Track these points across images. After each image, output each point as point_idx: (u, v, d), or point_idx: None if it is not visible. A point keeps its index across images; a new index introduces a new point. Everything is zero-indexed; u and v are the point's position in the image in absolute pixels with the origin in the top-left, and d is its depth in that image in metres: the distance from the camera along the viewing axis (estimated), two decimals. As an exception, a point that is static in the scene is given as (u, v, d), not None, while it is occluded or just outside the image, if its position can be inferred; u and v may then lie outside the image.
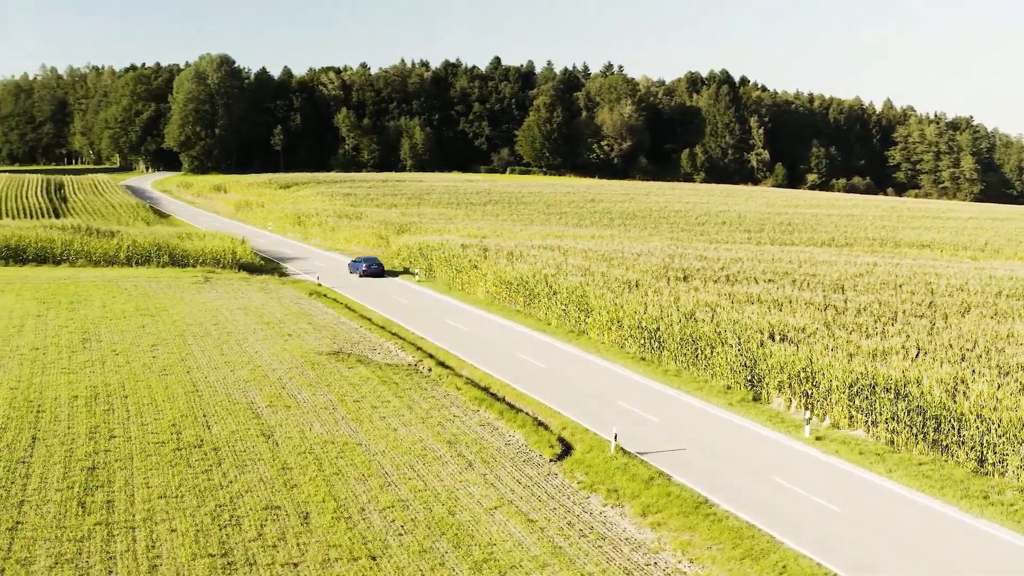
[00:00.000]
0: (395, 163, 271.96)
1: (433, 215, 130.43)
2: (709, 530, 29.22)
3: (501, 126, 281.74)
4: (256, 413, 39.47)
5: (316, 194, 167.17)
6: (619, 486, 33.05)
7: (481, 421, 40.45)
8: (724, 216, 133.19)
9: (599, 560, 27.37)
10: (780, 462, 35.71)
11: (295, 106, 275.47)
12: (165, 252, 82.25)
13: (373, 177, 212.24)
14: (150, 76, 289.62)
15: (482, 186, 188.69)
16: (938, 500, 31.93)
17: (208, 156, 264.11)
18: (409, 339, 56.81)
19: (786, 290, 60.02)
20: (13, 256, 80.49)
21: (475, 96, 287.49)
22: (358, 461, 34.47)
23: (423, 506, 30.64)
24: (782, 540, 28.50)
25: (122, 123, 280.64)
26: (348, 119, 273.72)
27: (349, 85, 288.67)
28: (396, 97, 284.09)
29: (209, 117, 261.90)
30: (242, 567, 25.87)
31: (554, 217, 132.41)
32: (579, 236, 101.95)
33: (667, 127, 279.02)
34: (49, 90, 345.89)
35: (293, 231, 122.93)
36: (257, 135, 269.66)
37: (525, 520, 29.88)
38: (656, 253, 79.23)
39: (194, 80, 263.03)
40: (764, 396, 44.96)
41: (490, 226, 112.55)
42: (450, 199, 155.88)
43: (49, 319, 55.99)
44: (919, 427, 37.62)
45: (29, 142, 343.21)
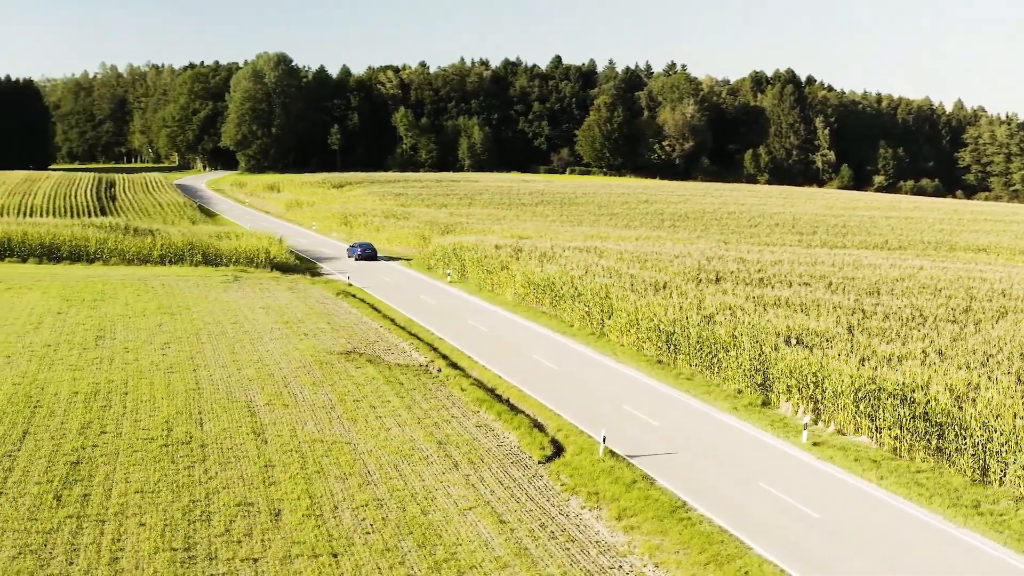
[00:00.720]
0: (453, 163, 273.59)
1: (482, 215, 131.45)
2: (680, 535, 29.48)
3: (561, 126, 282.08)
4: (252, 411, 40.42)
5: (368, 194, 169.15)
6: (600, 489, 33.42)
7: (478, 422, 41.00)
8: (778, 218, 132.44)
9: (563, 562, 27.78)
10: (771, 468, 35.81)
11: (352, 105, 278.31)
12: (198, 251, 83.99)
13: (428, 177, 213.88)
14: (208, 75, 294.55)
15: (536, 187, 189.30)
16: (923, 509, 31.86)
17: (265, 155, 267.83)
18: (427, 339, 57.58)
19: (818, 293, 59.86)
20: (47, 254, 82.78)
21: (535, 95, 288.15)
22: (343, 460, 35.22)
23: (397, 505, 31.27)
24: (751, 546, 28.69)
25: (179, 122, 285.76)
26: (406, 118, 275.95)
27: (407, 84, 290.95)
28: (455, 96, 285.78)
29: (266, 116, 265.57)
30: (202, 561, 26.69)
31: (604, 218, 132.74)
32: (624, 237, 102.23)
33: (730, 127, 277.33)
34: (109, 88, 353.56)
35: (339, 231, 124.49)
36: (314, 134, 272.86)
37: (497, 521, 30.37)
38: (695, 255, 79.26)
39: (251, 79, 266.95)
40: (773, 401, 45.03)
41: (535, 227, 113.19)
42: (501, 199, 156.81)
43: (69, 316, 57.61)
44: (922, 434, 37.49)
45: (89, 140, 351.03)
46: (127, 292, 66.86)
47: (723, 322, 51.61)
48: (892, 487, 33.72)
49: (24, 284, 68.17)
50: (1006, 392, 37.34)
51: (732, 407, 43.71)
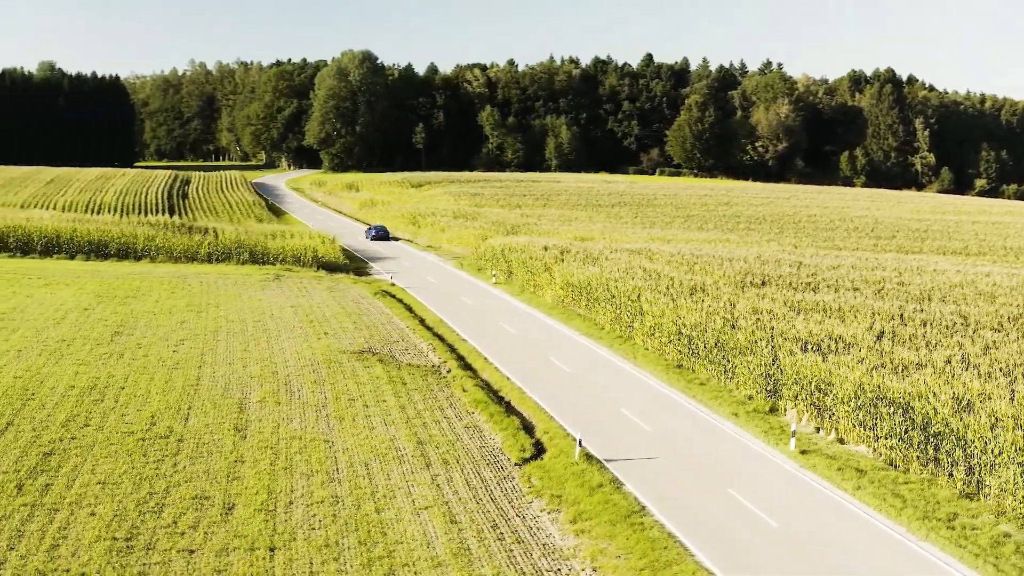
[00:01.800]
0: (540, 163, 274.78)
1: (553, 216, 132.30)
2: (627, 539, 29.95)
3: (651, 126, 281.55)
4: (242, 408, 41.80)
5: (444, 193, 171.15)
6: (565, 492, 34.00)
7: (468, 423, 41.83)
8: (859, 222, 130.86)
9: (501, 563, 28.44)
10: (747, 475, 36.01)
11: (438, 104, 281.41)
12: (245, 250, 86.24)
13: (509, 177, 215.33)
14: (293, 72, 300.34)
15: (617, 188, 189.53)
16: (890, 521, 31.86)
17: (348, 154, 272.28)
18: (449, 340, 58.63)
19: (861, 299, 59.65)
20: (95, 251, 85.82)
21: (625, 94, 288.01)
22: (315, 457, 36.35)
23: (353, 503, 32.26)
24: (694, 553, 29.03)
25: (264, 120, 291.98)
26: (492, 117, 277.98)
27: (494, 82, 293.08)
28: (542, 95, 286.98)
29: (350, 114, 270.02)
30: (139, 551, 27.98)
31: (679, 220, 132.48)
32: (689, 240, 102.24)
33: (827, 128, 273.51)
34: (197, 86, 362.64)
35: (404, 230, 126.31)
36: (399, 133, 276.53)
37: (449, 521, 31.15)
38: (751, 258, 79.14)
39: (335, 77, 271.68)
40: (781, 408, 45.07)
41: (603, 229, 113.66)
42: (578, 201, 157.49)
43: (94, 312, 59.87)
44: (917, 445, 37.36)
45: (177, 138, 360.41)
46: (162, 289, 69.15)
47: (745, 327, 51.70)
48: (865, 498, 33.69)
49: (63, 280, 70.91)
50: (1016, 403, 36.99)
51: (733, 413, 43.85)
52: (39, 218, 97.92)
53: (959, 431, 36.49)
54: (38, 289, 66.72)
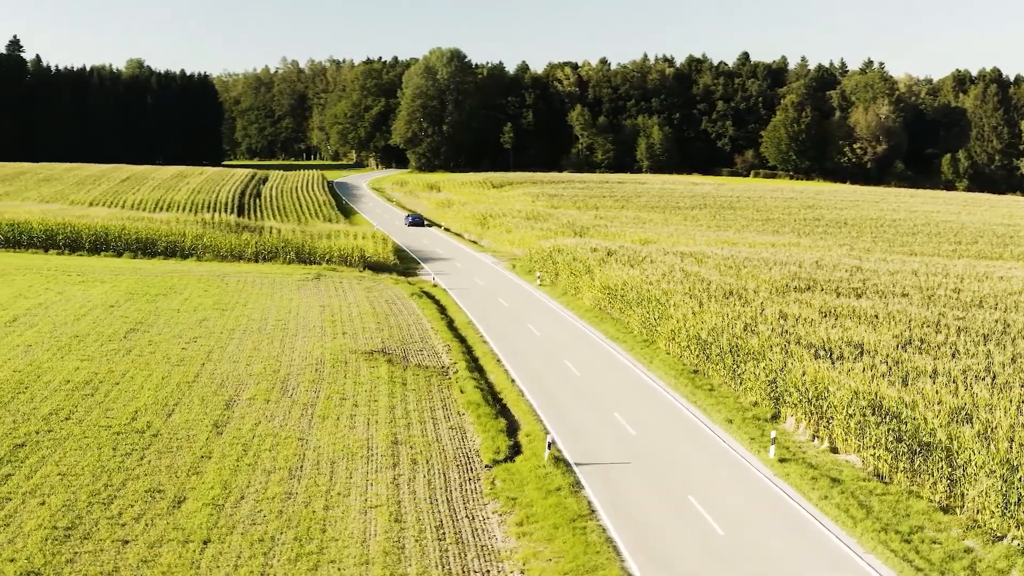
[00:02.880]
0: (631, 164, 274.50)
1: (627, 219, 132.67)
2: (564, 543, 30.47)
3: (746, 126, 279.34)
4: (228, 405, 43.16)
5: (523, 194, 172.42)
6: (522, 495, 34.63)
7: (455, 425, 42.67)
8: (944, 227, 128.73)
9: (429, 563, 29.17)
10: (716, 482, 36.29)
11: (528, 103, 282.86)
12: (292, 249, 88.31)
13: (593, 179, 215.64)
14: (381, 70, 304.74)
15: (702, 190, 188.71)
16: (843, 532, 31.97)
17: (435, 154, 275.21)
18: (470, 342, 59.67)
19: (906, 305, 59.62)
20: (143, 249, 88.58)
21: (719, 94, 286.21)
22: (282, 455, 37.49)
23: (303, 500, 33.31)
24: (625, 558, 29.49)
25: (351, 118, 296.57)
26: (582, 117, 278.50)
27: (585, 81, 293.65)
28: (634, 94, 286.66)
29: (437, 113, 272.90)
30: (76, 540, 29.31)
31: (756, 223, 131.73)
32: (755, 243, 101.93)
33: (929, 130, 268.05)
34: (289, 84, 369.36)
35: (471, 231, 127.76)
36: (488, 133, 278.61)
37: (392, 520, 31.99)
38: (808, 263, 78.91)
39: (423, 75, 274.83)
40: (783, 414, 45.12)
41: (671, 231, 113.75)
42: (658, 203, 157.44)
43: (119, 309, 61.99)
44: (903, 455, 37.27)
45: (268, 136, 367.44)
46: (196, 287, 71.28)
47: (763, 332, 51.77)
48: (827, 508, 33.75)
49: (100, 278, 73.46)
50: (1012, 414, 36.73)
51: (728, 419, 44.04)
52: (93, 216, 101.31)
53: (943, 442, 36.36)
54: (72, 286, 69.29)
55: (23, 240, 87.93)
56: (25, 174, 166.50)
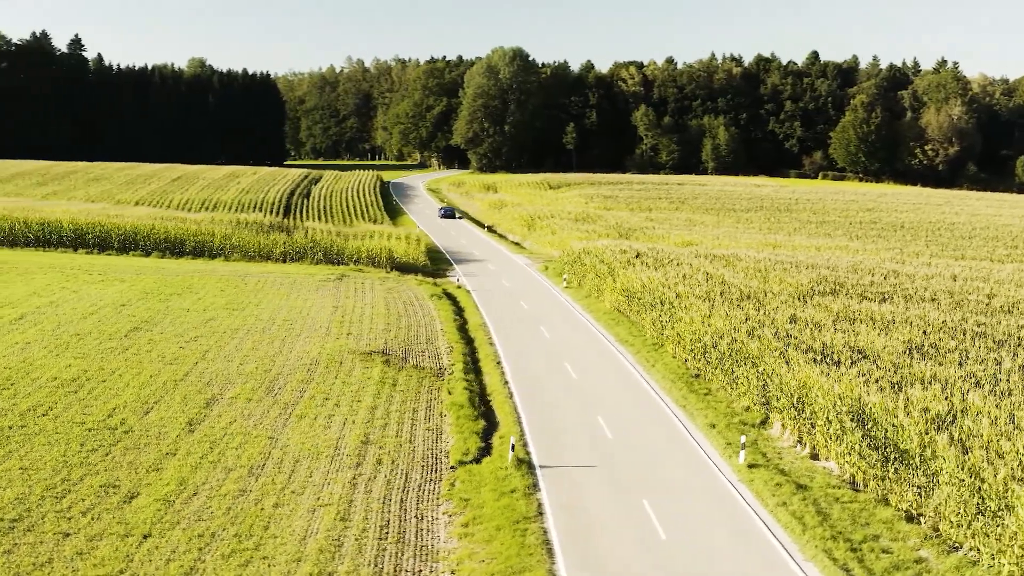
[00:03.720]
0: (696, 165, 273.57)
1: (678, 221, 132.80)
2: (500, 545, 30.95)
3: (815, 127, 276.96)
4: (209, 404, 44.23)
5: (578, 195, 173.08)
6: (476, 496, 35.21)
7: (433, 426, 43.34)
8: (1004, 231, 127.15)
9: (362, 562, 29.78)
10: (676, 486, 36.59)
11: (591, 103, 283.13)
12: (320, 250, 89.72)
13: (652, 180, 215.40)
14: (443, 70, 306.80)
15: (762, 191, 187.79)
16: (789, 539, 32.13)
17: (496, 154, 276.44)
18: (477, 343, 60.39)
19: (929, 310, 59.64)
20: (171, 248, 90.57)
21: (787, 94, 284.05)
22: (247, 453, 38.43)
23: (255, 498, 34.17)
24: (556, 561, 29.95)
25: (413, 118, 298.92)
26: (647, 117, 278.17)
27: (650, 81, 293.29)
28: (700, 94, 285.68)
29: (498, 113, 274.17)
30: (20, 532, 30.35)
31: (810, 226, 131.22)
32: (799, 246, 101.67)
33: (1003, 131, 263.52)
34: (354, 83, 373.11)
35: (516, 232, 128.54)
36: (550, 133, 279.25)
37: (338, 519, 32.70)
38: (843, 266, 78.83)
39: (485, 75, 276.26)
40: (771, 420, 45.25)
41: (719, 233, 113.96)
42: (713, 205, 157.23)
43: (127, 309, 63.51)
44: (877, 462, 37.33)
45: (332, 136, 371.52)
46: (213, 287, 72.79)
47: (765, 336, 51.91)
48: (781, 515, 33.91)
49: (120, 277, 75.31)
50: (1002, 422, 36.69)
51: (711, 424, 44.28)
52: (131, 215, 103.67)
53: (915, 450, 36.38)
54: (89, 285, 71.13)
55: (53, 239, 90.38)
56: (76, 173, 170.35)
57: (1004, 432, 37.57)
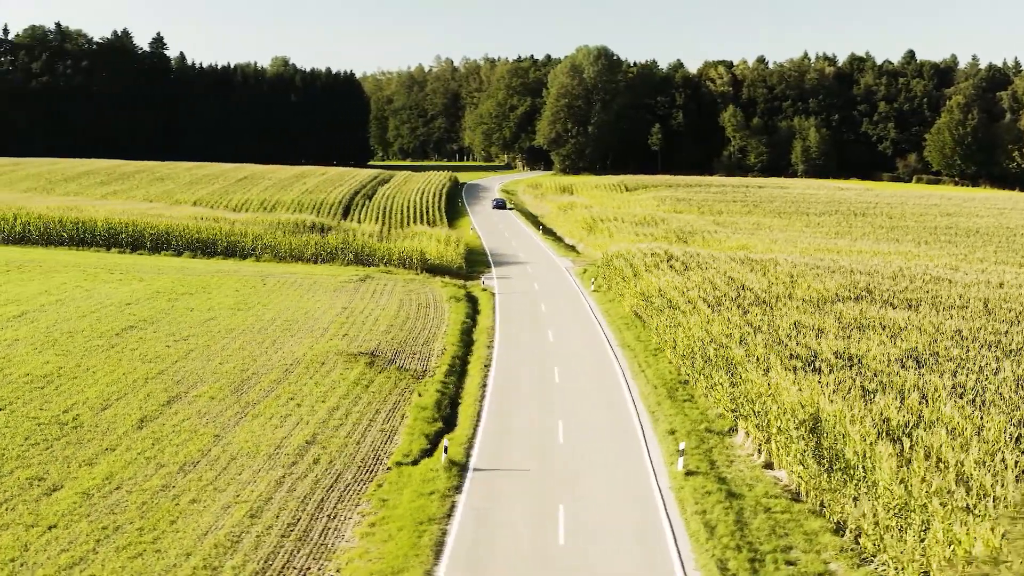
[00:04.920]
0: (785, 167, 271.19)
1: (746, 224, 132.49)
2: (395, 544, 31.77)
3: (910, 129, 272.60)
4: (170, 401, 45.77)
5: (651, 198, 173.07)
6: (397, 497, 36.12)
7: (388, 427, 44.29)
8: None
9: (254, 557, 30.81)
10: (600, 493, 37.06)
11: (677, 103, 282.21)
12: (351, 251, 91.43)
13: (733, 182, 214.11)
14: (528, 69, 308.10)
15: (844, 195, 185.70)
16: (690, 547, 32.48)
17: (579, 155, 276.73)
18: (477, 345, 61.44)
19: (950, 318, 59.79)
20: (202, 249, 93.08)
21: (881, 94, 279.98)
22: (187, 450, 39.75)
23: (175, 494, 35.40)
24: (441, 562, 30.74)
25: (496, 118, 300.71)
26: (735, 118, 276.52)
27: (740, 81, 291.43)
28: (791, 95, 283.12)
29: (582, 114, 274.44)
30: (-72, 522, 32.30)
31: (879, 231, 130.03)
32: (857, 251, 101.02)
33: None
34: (442, 83, 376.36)
35: (574, 235, 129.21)
36: (636, 134, 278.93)
37: (248, 516, 33.82)
38: (886, 272, 78.49)
39: (568, 74, 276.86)
40: (739, 428, 45.49)
41: (779, 238, 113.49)
42: (787, 208, 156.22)
43: (132, 308, 65.40)
44: (823, 471, 37.57)
45: (420, 137, 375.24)
46: (229, 287, 74.72)
47: (758, 342, 52.13)
48: (693, 523, 34.18)
49: (140, 276, 77.65)
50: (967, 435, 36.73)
51: (670, 430, 44.64)
52: (174, 216, 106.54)
53: (852, 460, 36.57)
54: (105, 284, 73.52)
55: (87, 239, 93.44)
56: (143, 172, 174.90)
57: (958, 444, 37.49)
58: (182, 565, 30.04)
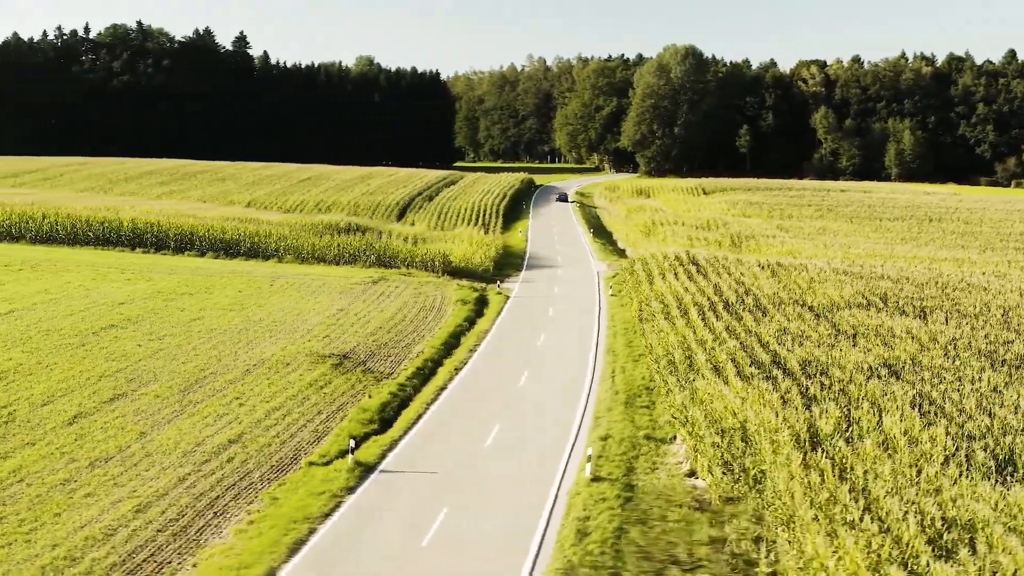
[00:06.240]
0: (878, 171, 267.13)
1: (809, 229, 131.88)
2: (260, 542, 32.87)
3: (1009, 131, 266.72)
4: (113, 399, 47.41)
5: (723, 201, 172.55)
6: (288, 496, 37.29)
7: (323, 428, 45.40)
8: None
9: (121, 552, 32.09)
10: (495, 500, 37.83)
11: (767, 103, 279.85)
12: (374, 253, 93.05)
13: (813, 185, 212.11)
14: (615, 68, 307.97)
15: (927, 200, 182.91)
16: (550, 553, 33.06)
17: (665, 157, 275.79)
18: (460, 349, 62.50)
19: (954, 326, 60.22)
20: (225, 249, 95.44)
21: (980, 95, 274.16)
22: (106, 447, 41.12)
23: (73, 489, 36.83)
24: (292, 562, 31.79)
25: (581, 119, 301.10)
26: (826, 120, 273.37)
27: (833, 81, 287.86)
28: (885, 95, 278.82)
29: (669, 114, 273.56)
30: None
31: (949, 237, 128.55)
32: (911, 257, 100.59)
33: None
34: (534, 82, 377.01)
35: (630, 239, 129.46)
36: (724, 135, 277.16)
37: (133, 511, 35.04)
38: (915, 279, 78.49)
39: (655, 74, 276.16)
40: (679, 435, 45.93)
41: (836, 243, 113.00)
42: (860, 213, 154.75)
43: (124, 308, 67.37)
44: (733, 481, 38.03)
45: (511, 138, 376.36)
46: (234, 288, 76.70)
47: (729, 347, 52.73)
48: (567, 530, 34.65)
49: (147, 276, 79.97)
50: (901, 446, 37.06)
51: (603, 436, 45.12)
52: (203, 216, 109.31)
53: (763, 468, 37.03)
54: (107, 283, 75.99)
55: (112, 238, 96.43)
56: (206, 172, 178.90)
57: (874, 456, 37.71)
58: (43, 555, 31.45)
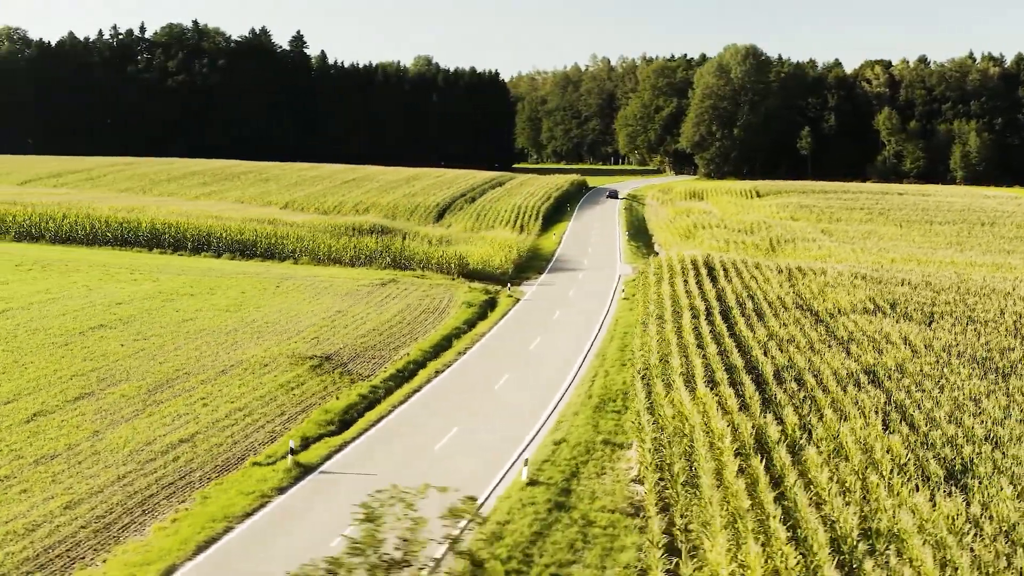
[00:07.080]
0: (944, 174, 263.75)
1: (856, 233, 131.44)
2: (171, 541, 33.80)
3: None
4: (79, 398, 48.60)
5: (774, 204, 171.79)
6: (219, 494, 38.10)
7: (280, 428, 46.24)
8: None
9: (37, 547, 33.12)
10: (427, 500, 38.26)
11: (829, 104, 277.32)
12: (389, 255, 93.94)
13: (872, 188, 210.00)
14: (675, 68, 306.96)
15: (984, 203, 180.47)
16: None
17: (724, 159, 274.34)
18: (450, 351, 62.98)
19: (956, 333, 61.01)
20: (242, 251, 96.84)
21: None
22: (54, 445, 42.18)
23: (10, 484, 37.95)
24: (194, 561, 32.61)
25: (641, 120, 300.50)
26: (890, 121, 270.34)
27: (897, 81, 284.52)
28: (951, 96, 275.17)
29: (728, 115, 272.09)
30: None
31: (999, 242, 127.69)
32: (949, 262, 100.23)
33: None
34: (597, 83, 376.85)
35: (669, 241, 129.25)
36: (786, 137, 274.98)
37: (61, 508, 36.06)
38: (936, 283, 78.41)
39: (715, 74, 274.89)
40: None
41: (872, 247, 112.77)
42: (913, 216, 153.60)
43: (120, 308, 68.77)
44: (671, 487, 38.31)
45: (573, 139, 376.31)
46: (238, 289, 77.84)
47: (694, 354, 52.97)
48: (482, 539, 35.23)
49: (153, 277, 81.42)
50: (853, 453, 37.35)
51: (558, 440, 45.51)
52: (226, 216, 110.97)
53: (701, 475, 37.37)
54: (111, 283, 77.52)
55: (130, 239, 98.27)
56: (249, 173, 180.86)
57: (820, 463, 37.96)
58: (-42, 550, 32.46)
